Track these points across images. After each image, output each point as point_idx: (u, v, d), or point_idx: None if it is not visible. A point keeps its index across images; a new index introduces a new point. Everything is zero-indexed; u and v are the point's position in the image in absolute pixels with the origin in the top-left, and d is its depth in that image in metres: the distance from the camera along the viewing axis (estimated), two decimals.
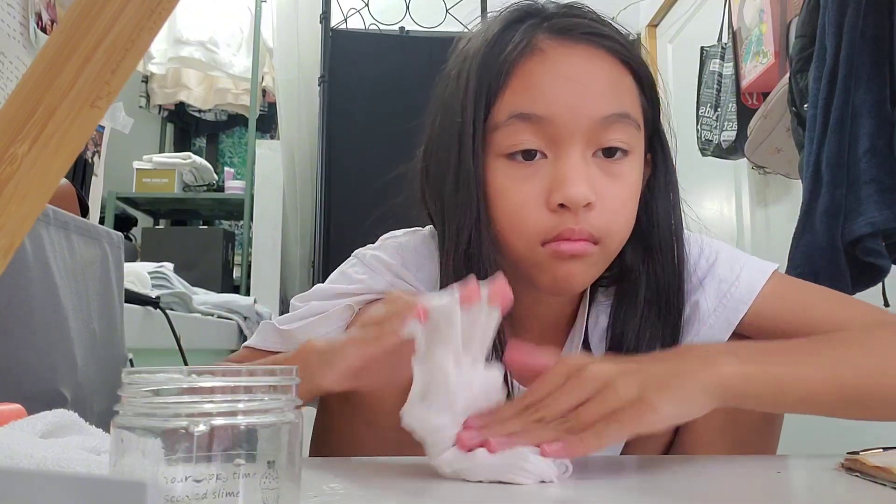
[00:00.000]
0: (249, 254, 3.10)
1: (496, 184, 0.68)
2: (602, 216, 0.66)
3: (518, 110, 0.66)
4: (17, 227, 0.34)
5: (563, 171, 0.65)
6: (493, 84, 0.67)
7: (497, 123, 0.67)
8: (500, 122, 0.67)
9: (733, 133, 2.20)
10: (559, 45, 0.67)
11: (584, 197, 0.64)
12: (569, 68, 0.66)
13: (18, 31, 1.39)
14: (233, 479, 0.36)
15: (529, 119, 0.66)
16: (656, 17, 3.32)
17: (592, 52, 0.68)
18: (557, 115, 0.65)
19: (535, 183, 0.66)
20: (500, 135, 0.67)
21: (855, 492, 0.52)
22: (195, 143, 3.95)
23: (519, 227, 0.67)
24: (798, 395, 0.57)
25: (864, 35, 1.23)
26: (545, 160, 0.67)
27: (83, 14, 0.34)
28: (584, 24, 0.69)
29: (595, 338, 0.77)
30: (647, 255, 0.73)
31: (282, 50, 3.02)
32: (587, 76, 0.66)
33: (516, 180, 0.67)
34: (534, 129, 0.66)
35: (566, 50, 0.67)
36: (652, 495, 0.53)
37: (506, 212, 0.67)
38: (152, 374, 0.37)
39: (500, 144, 0.67)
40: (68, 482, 0.21)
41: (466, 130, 0.68)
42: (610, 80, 0.67)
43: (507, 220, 0.68)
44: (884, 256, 1.22)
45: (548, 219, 0.65)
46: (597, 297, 0.78)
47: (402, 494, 0.51)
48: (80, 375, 1.08)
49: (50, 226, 1.06)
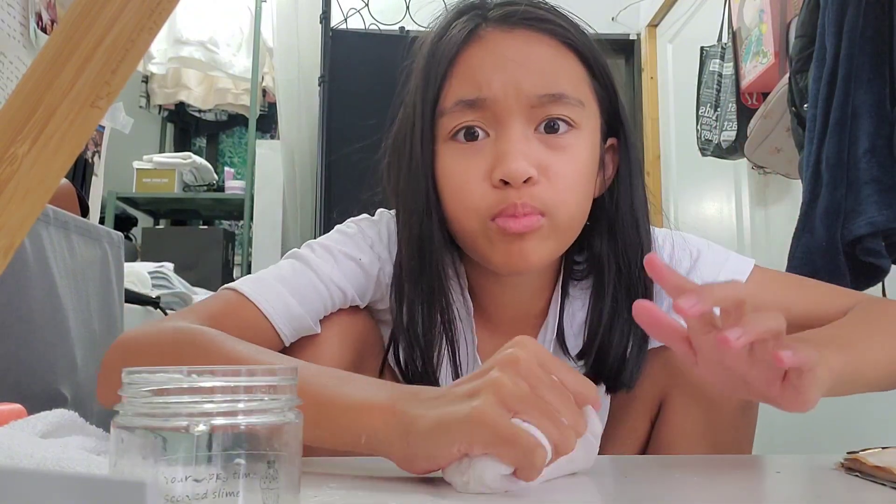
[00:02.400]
0: (249, 254, 3.10)
1: (443, 165, 0.70)
2: (547, 191, 0.67)
3: (461, 97, 0.69)
4: (17, 227, 0.34)
5: (503, 147, 0.67)
6: (439, 74, 0.70)
7: (444, 110, 0.70)
8: (447, 109, 0.70)
9: (733, 133, 2.20)
10: (498, 31, 0.70)
11: (524, 171, 0.65)
12: (506, 50, 0.69)
13: (18, 31, 1.39)
14: (233, 479, 0.36)
15: (473, 105, 0.68)
16: (656, 17, 3.32)
17: (530, 35, 0.70)
18: (496, 94, 0.67)
19: (479, 160, 0.68)
20: (446, 120, 0.70)
21: (855, 492, 0.52)
22: (195, 143, 3.96)
23: (466, 204, 0.69)
24: (869, 378, 0.62)
25: (864, 35, 1.23)
26: (488, 139, 0.69)
27: (83, 14, 0.34)
28: (521, 10, 0.71)
29: (571, 331, 0.78)
30: (612, 240, 0.74)
31: (282, 50, 3.02)
32: (524, 57, 0.69)
33: (460, 160, 0.69)
34: (476, 112, 0.68)
35: (504, 34, 0.70)
36: (652, 495, 0.53)
37: (452, 191, 0.70)
38: (152, 374, 0.37)
39: (445, 128, 0.70)
40: (68, 482, 0.21)
41: (417, 118, 0.71)
42: (549, 60, 0.69)
43: (454, 200, 0.70)
44: (884, 256, 1.22)
45: (491, 194, 0.67)
46: (569, 291, 0.78)
47: (402, 494, 0.51)
48: (80, 375, 1.08)
49: (50, 226, 1.06)
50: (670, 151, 3.20)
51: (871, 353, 0.62)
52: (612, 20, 3.43)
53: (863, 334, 0.65)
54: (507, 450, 0.46)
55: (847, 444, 0.64)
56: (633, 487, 0.55)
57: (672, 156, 3.18)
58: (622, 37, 3.49)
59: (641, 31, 3.47)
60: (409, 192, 0.72)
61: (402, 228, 0.74)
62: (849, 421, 1.78)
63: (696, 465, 0.65)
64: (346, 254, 0.76)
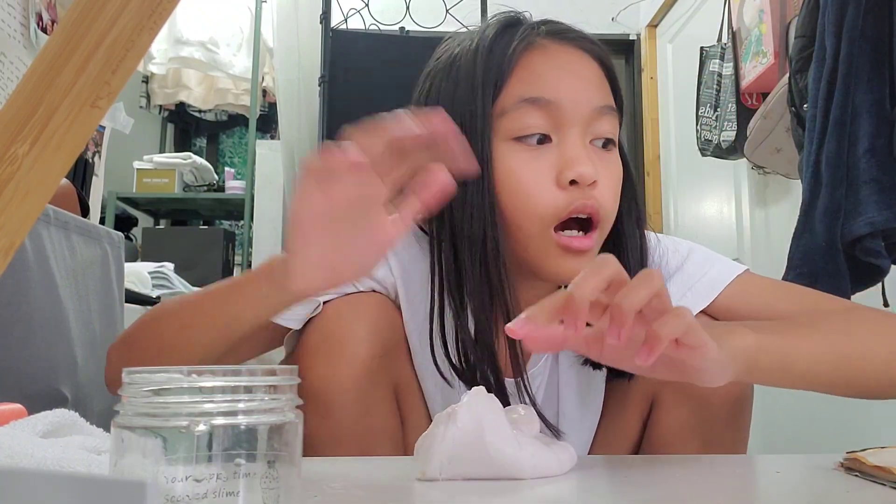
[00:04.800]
0: (249, 254, 3.10)
1: (505, 166, 0.70)
2: (604, 195, 0.70)
3: (527, 95, 0.70)
4: (17, 227, 0.34)
5: (572, 151, 0.69)
6: (500, 74, 0.71)
7: (505, 109, 0.70)
8: (508, 107, 0.70)
9: (733, 133, 2.20)
10: (556, 43, 0.73)
11: (593, 174, 0.68)
12: (567, 62, 0.72)
13: (19, 31, 1.39)
14: (233, 479, 0.36)
15: (538, 103, 0.70)
16: (656, 17, 3.33)
17: (582, 52, 0.74)
18: (562, 99, 0.70)
19: (544, 162, 0.70)
20: (508, 119, 0.70)
21: (855, 492, 0.52)
22: (195, 143, 3.96)
23: (531, 207, 0.69)
24: (803, 369, 0.61)
25: (864, 35, 1.23)
26: (550, 144, 0.70)
27: (83, 14, 0.34)
28: (572, 30, 0.75)
29: None
30: (621, 252, 0.75)
31: (282, 50, 3.02)
32: (583, 70, 0.73)
33: (526, 161, 0.70)
34: (541, 113, 0.70)
35: (562, 47, 0.73)
36: (652, 495, 0.53)
37: (517, 192, 0.70)
38: (152, 374, 0.37)
39: (508, 129, 0.70)
40: (68, 482, 0.21)
41: (475, 116, 0.71)
42: (598, 77, 0.74)
43: (518, 201, 0.70)
44: (883, 256, 1.22)
45: (559, 196, 0.69)
46: None
47: (402, 494, 0.51)
48: (81, 375, 1.09)
49: (50, 226, 1.06)
50: (670, 151, 3.20)
51: (810, 345, 0.62)
52: (612, 20, 3.43)
53: (808, 328, 0.65)
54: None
55: (847, 444, 0.64)
56: (632, 487, 0.55)
57: (672, 156, 3.18)
58: (622, 37, 3.49)
59: (641, 31, 3.47)
60: (467, 195, 0.69)
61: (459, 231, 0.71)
62: (849, 421, 1.78)
63: (697, 465, 0.65)
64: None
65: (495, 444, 0.52)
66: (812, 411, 2.01)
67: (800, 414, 2.06)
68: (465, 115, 0.70)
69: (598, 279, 0.50)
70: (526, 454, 0.53)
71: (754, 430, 0.77)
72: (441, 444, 0.52)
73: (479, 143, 0.69)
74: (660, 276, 0.51)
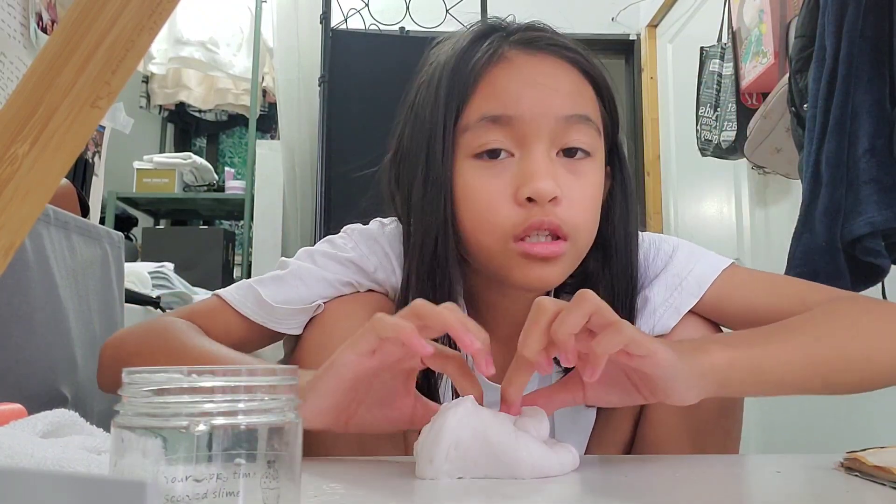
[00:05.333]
0: (249, 254, 3.10)
1: (464, 183, 0.70)
2: (568, 211, 0.68)
3: (488, 113, 0.69)
4: (17, 227, 0.34)
5: (530, 166, 0.68)
6: (463, 90, 0.70)
7: (467, 125, 0.70)
8: (470, 124, 0.70)
9: (733, 133, 2.20)
10: (523, 55, 0.72)
11: (551, 190, 0.67)
12: (533, 73, 0.70)
13: (19, 31, 1.39)
14: (233, 479, 0.36)
15: (499, 120, 0.69)
16: (656, 17, 3.33)
17: (554, 60, 0.72)
18: (523, 114, 0.68)
19: (503, 179, 0.69)
20: (469, 136, 0.70)
21: (854, 491, 0.52)
22: (195, 143, 3.96)
23: (488, 224, 0.69)
24: (777, 377, 0.61)
25: (864, 35, 1.23)
26: (511, 158, 0.69)
27: (83, 14, 0.34)
28: (545, 37, 0.73)
29: None
30: (607, 263, 0.75)
31: (282, 50, 3.02)
32: (550, 79, 0.70)
33: (484, 178, 0.69)
34: (502, 130, 0.69)
35: (530, 58, 0.71)
36: (653, 496, 0.53)
37: (474, 209, 0.70)
38: (152, 374, 0.37)
39: (469, 145, 0.70)
40: (68, 482, 0.21)
41: (437, 133, 0.71)
42: (571, 85, 0.71)
43: (476, 218, 0.70)
44: (883, 256, 1.22)
45: (516, 213, 0.68)
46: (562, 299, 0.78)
47: (402, 494, 0.51)
48: (81, 375, 1.08)
49: (50, 226, 1.06)
50: (670, 151, 3.20)
51: (783, 353, 0.62)
52: (611, 20, 3.43)
53: (782, 333, 0.64)
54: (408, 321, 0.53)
55: (847, 444, 0.64)
56: (633, 487, 0.55)
57: (672, 156, 3.18)
58: (622, 37, 3.49)
59: (641, 32, 3.47)
60: (425, 206, 0.71)
61: (415, 243, 0.73)
62: (849, 421, 1.78)
63: (697, 465, 0.65)
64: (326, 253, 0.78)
65: (498, 443, 0.52)
66: (812, 411, 2.01)
67: (800, 414, 2.06)
68: (431, 131, 0.71)
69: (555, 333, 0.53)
70: (527, 453, 0.53)
71: (754, 430, 0.77)
72: (441, 442, 0.52)
73: (438, 159, 0.70)
74: (593, 295, 0.54)
